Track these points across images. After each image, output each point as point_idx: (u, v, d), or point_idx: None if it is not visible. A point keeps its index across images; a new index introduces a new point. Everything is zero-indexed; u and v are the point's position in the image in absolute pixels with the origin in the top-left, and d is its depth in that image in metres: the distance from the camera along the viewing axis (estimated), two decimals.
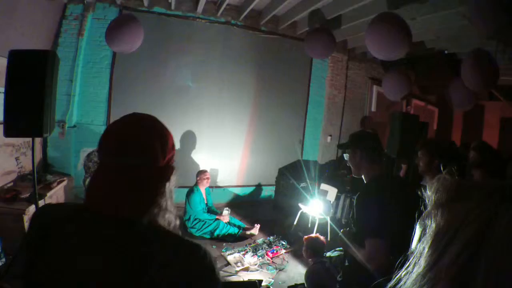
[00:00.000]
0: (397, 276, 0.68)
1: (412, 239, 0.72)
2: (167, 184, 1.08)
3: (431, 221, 0.66)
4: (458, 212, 0.63)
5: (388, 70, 6.75)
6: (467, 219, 0.61)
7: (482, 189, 0.66)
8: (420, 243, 0.67)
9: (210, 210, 5.91)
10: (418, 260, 0.65)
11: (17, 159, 5.10)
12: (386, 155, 4.49)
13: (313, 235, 4.14)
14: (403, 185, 2.34)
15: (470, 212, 0.61)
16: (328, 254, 4.00)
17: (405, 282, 0.66)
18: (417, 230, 0.71)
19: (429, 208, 0.70)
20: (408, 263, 0.67)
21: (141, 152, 1.03)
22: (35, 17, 5.19)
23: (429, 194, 0.71)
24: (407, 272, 0.66)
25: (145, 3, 6.16)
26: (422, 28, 5.64)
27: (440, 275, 0.60)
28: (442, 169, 2.76)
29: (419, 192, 0.78)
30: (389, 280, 0.70)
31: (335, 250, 3.93)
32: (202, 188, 5.86)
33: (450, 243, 0.61)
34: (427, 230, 0.66)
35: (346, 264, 2.30)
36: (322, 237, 4.04)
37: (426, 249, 0.64)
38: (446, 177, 0.71)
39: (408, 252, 0.70)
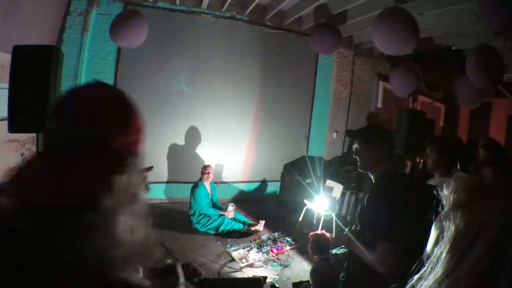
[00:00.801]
0: (411, 282, 0.65)
1: (426, 241, 0.69)
2: (122, 178, 0.75)
3: (449, 223, 0.62)
4: (479, 213, 0.59)
5: (394, 66, 6.70)
6: (489, 221, 0.57)
7: (504, 187, 0.62)
8: (437, 247, 0.63)
9: (215, 206, 5.91)
10: (435, 266, 0.61)
11: (22, 155, 5.10)
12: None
13: (319, 231, 4.11)
14: (413, 184, 2.27)
15: (492, 213, 0.58)
16: (334, 251, 3.96)
17: None
18: (433, 233, 0.67)
19: (446, 209, 0.66)
20: (424, 268, 0.63)
21: (86, 121, 0.78)
22: (39, 13, 5.17)
23: (446, 194, 0.67)
24: (422, 278, 0.63)
25: None
26: (430, 24, 5.57)
27: (459, 282, 0.56)
28: (459, 167, 2.70)
29: (434, 192, 0.73)
30: (402, 286, 0.67)
31: (341, 247, 3.89)
32: (207, 183, 5.85)
33: (470, 247, 0.57)
34: (445, 233, 0.62)
35: (350, 263, 2.24)
36: (328, 234, 4.01)
37: (444, 254, 0.60)
38: (464, 176, 0.68)
39: (423, 256, 0.67)
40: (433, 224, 0.68)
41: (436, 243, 0.64)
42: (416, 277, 0.64)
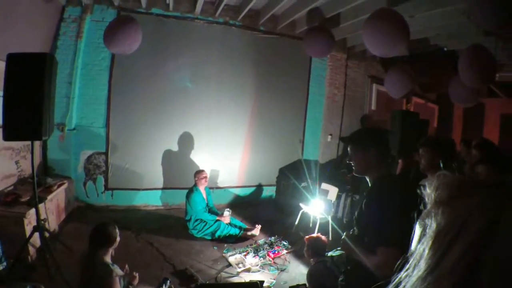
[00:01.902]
0: (396, 279, 0.64)
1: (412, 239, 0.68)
2: None
3: (431, 221, 0.62)
4: (461, 210, 0.59)
5: (387, 68, 6.74)
6: (471, 217, 0.57)
7: (485, 185, 0.62)
8: (420, 244, 0.63)
9: (211, 211, 5.89)
10: (418, 263, 0.61)
11: (17, 162, 5.09)
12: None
13: (314, 235, 4.12)
14: (408, 186, 2.23)
15: (474, 209, 0.57)
16: (330, 253, 3.97)
17: (404, 286, 0.62)
18: (417, 230, 0.67)
19: (429, 206, 0.66)
20: (407, 266, 0.63)
21: None
22: (33, 21, 5.18)
23: (428, 192, 0.67)
24: (407, 275, 0.62)
25: (143, 4, 6.16)
26: (421, 25, 5.62)
27: (442, 279, 0.56)
28: (442, 166, 2.70)
29: (418, 191, 0.73)
30: (388, 283, 0.67)
31: (337, 250, 3.90)
32: (202, 188, 5.85)
33: (452, 244, 0.57)
34: (427, 230, 0.62)
35: (348, 268, 2.21)
36: (323, 237, 4.03)
37: (427, 251, 0.60)
38: (446, 174, 0.68)
39: (408, 254, 0.66)
40: (417, 222, 0.68)
41: (419, 240, 0.64)
42: (400, 275, 0.64)
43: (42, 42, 5.56)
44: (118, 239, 2.92)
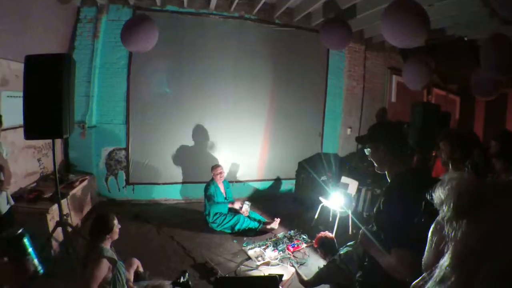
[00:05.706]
0: None
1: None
2: None
3: (453, 232, 0.53)
4: (491, 222, 0.50)
5: (407, 59, 6.59)
6: (502, 232, 0.48)
7: (509, 190, 0.53)
8: (442, 261, 0.53)
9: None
10: (442, 283, 0.52)
11: (39, 160, 5.23)
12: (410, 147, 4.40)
13: (321, 234, 4.12)
14: (429, 182, 2.11)
15: (504, 222, 0.48)
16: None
17: None
18: (432, 242, 0.58)
19: (447, 214, 0.56)
20: (428, 285, 0.54)
21: None
22: (50, 22, 5.29)
23: (442, 197, 0.58)
24: None
25: (158, 2, 6.21)
26: (440, 15, 5.46)
27: None
28: (450, 166, 2.58)
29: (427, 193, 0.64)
30: None
31: (346, 246, 3.86)
32: (219, 182, 5.90)
33: (481, 263, 0.48)
34: (450, 244, 0.53)
35: (365, 264, 2.16)
36: (329, 234, 4.04)
37: (450, 269, 0.51)
38: (466, 176, 0.58)
39: (423, 267, 0.57)
40: (430, 232, 0.60)
41: (437, 255, 0.56)
42: None
43: (59, 43, 5.68)
44: (116, 229, 3.01)
